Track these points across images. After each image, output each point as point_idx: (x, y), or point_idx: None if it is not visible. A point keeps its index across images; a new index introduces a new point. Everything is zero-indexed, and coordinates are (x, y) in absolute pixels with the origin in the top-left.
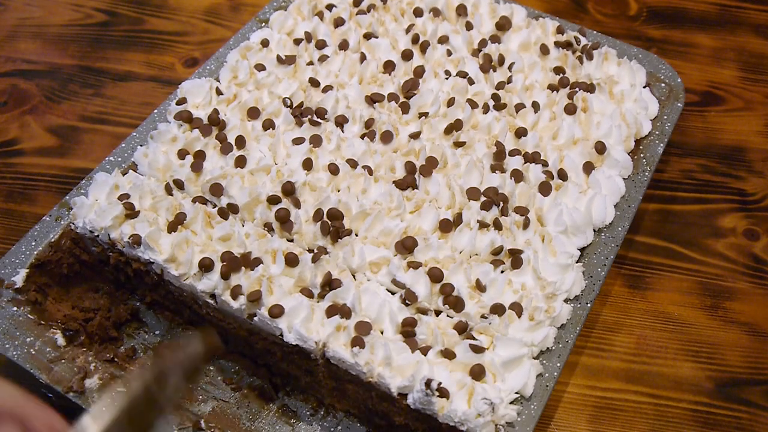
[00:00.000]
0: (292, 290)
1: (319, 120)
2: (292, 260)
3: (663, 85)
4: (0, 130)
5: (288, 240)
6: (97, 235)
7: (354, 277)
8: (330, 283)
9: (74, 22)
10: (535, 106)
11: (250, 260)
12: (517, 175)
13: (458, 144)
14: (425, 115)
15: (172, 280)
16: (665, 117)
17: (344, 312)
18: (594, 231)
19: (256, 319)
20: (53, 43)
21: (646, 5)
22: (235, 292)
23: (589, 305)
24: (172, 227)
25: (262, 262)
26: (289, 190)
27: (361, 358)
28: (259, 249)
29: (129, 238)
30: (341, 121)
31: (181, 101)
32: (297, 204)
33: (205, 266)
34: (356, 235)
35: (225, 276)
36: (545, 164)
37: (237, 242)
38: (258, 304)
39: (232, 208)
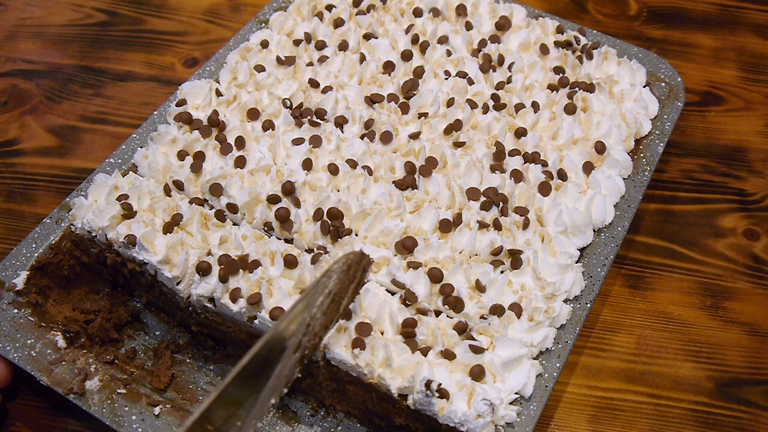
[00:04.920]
0: (292, 292)
1: (318, 120)
2: (291, 262)
3: (663, 84)
4: (0, 130)
5: (288, 239)
6: (95, 236)
7: None
8: None
9: (74, 22)
10: (535, 106)
11: (248, 263)
12: (517, 176)
13: (458, 144)
14: (425, 115)
15: (165, 281)
16: (665, 116)
17: (345, 313)
18: (594, 231)
19: (256, 322)
20: (53, 43)
21: (646, 5)
22: (234, 296)
23: (588, 305)
24: (167, 228)
25: (260, 264)
26: (289, 189)
27: (362, 360)
28: (257, 251)
29: (124, 239)
30: (341, 122)
31: (181, 102)
32: (297, 203)
33: (203, 270)
34: (356, 235)
35: (223, 279)
36: (545, 164)
37: (234, 244)
38: (258, 306)
39: (232, 208)
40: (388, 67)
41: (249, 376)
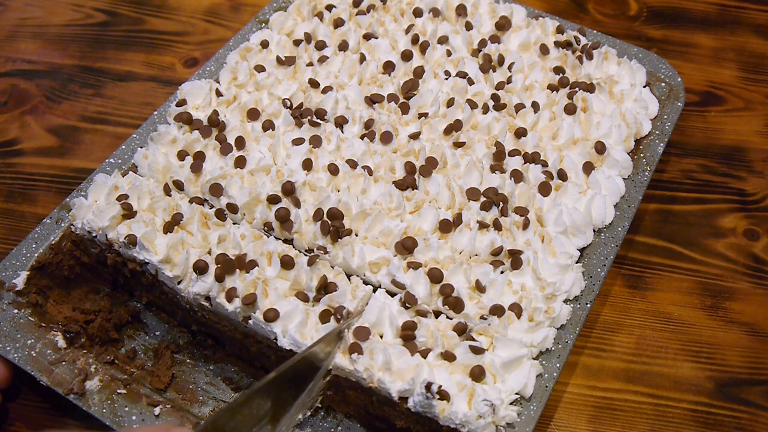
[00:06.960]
0: (287, 293)
1: (318, 121)
2: (287, 263)
3: (663, 84)
4: (0, 130)
5: (288, 239)
6: (95, 236)
7: (350, 279)
8: (326, 287)
9: (74, 22)
10: (535, 106)
11: (245, 262)
12: (517, 176)
13: (458, 144)
14: (425, 115)
15: (166, 281)
16: (665, 117)
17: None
18: (594, 231)
19: (251, 322)
20: (53, 43)
21: (646, 5)
22: (230, 295)
23: (588, 305)
24: (168, 228)
25: (257, 264)
26: (289, 189)
27: (360, 365)
28: (255, 251)
29: (125, 239)
30: (341, 122)
31: (181, 103)
32: (297, 203)
33: (200, 269)
34: (356, 235)
35: (219, 278)
36: (545, 164)
37: (232, 244)
38: (253, 307)
39: (232, 208)
40: (388, 67)
41: (282, 387)
